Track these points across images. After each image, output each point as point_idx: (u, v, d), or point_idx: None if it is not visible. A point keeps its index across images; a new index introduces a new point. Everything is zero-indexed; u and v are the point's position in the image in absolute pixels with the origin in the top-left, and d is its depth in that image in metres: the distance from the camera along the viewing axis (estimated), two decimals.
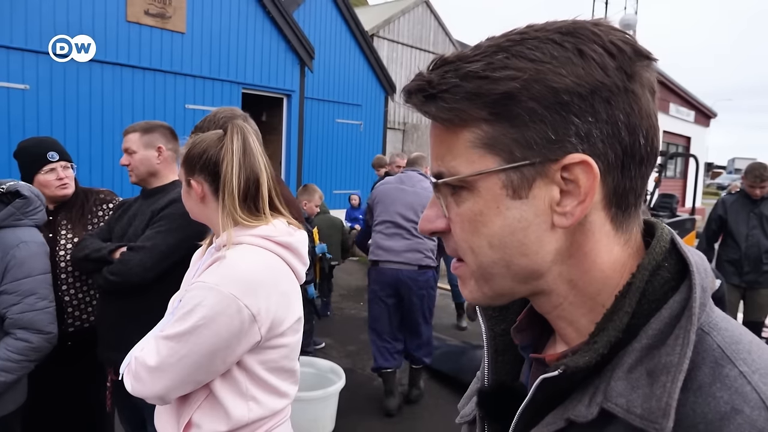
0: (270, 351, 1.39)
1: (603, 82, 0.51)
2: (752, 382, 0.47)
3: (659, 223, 0.61)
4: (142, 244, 2.03)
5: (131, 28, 7.17)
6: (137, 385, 1.33)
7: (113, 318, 2.13)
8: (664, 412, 0.46)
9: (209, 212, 1.47)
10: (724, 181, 39.04)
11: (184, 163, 1.47)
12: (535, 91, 0.51)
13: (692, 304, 0.51)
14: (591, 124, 0.52)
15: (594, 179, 0.52)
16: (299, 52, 9.32)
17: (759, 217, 4.48)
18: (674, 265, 0.56)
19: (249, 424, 1.39)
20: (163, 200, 2.12)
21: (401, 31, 15.08)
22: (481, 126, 0.53)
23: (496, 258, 0.56)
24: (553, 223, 0.54)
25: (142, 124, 2.28)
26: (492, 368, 0.70)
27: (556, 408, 0.56)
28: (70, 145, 6.51)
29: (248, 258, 1.35)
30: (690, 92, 21.04)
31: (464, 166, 0.55)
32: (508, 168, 0.53)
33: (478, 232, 0.56)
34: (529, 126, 0.52)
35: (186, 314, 1.28)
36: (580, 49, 0.51)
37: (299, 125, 9.85)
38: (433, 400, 4.27)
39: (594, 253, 0.56)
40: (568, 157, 0.52)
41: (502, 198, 0.54)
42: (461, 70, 0.53)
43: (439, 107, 0.54)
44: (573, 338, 0.60)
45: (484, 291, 0.59)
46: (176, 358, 1.27)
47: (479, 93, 0.52)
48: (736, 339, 0.52)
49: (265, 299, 1.32)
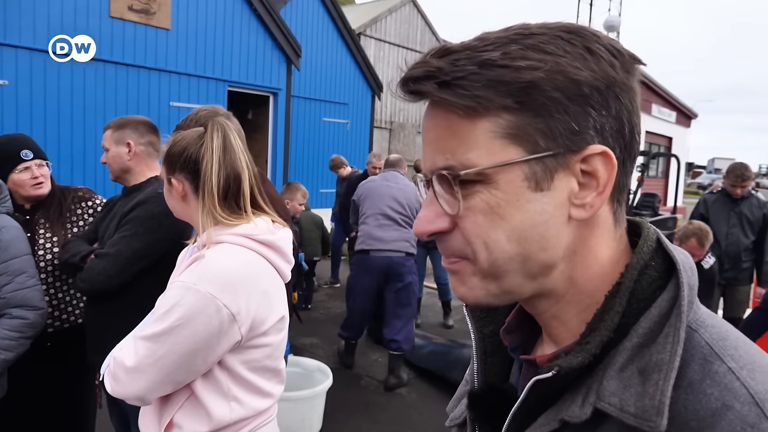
0: (252, 350, 1.37)
1: (615, 78, 0.52)
2: (741, 378, 0.48)
3: (644, 222, 0.61)
4: (107, 251, 1.97)
5: (114, 24, 7.08)
6: (116, 385, 1.31)
7: (94, 321, 2.11)
8: (657, 410, 0.46)
9: (190, 211, 1.46)
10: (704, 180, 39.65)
11: (164, 162, 1.45)
12: (558, 81, 0.51)
13: (681, 302, 0.52)
14: (605, 117, 0.52)
15: (612, 170, 0.53)
16: (286, 50, 9.27)
17: (739, 215, 4.56)
18: (661, 264, 0.57)
19: (231, 424, 1.37)
20: (133, 202, 2.06)
21: (388, 30, 15.08)
22: (501, 115, 0.51)
23: (513, 253, 0.54)
24: (570, 216, 0.54)
25: (117, 120, 2.23)
26: (481, 370, 0.70)
27: (548, 409, 0.56)
28: (50, 143, 6.45)
29: (227, 257, 1.33)
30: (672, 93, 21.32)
31: (485, 157, 0.52)
32: (531, 159, 0.52)
33: (495, 225, 0.53)
34: (554, 116, 0.51)
35: (164, 314, 1.26)
36: (588, 47, 0.52)
37: (285, 124, 9.80)
38: (421, 399, 4.27)
39: (597, 247, 0.56)
40: (590, 148, 0.52)
41: (524, 190, 0.52)
42: (477, 59, 0.51)
43: (457, 94, 0.51)
44: (564, 338, 0.60)
45: (489, 289, 0.57)
46: (154, 359, 1.25)
47: (503, 80, 0.50)
48: (723, 335, 0.52)
49: (245, 298, 1.30)
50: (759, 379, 0.48)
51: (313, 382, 3.65)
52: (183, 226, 2.11)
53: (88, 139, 6.89)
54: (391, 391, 4.39)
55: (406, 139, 15.75)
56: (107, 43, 7.01)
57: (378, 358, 5.03)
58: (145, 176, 2.21)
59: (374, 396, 4.29)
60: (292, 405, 3.35)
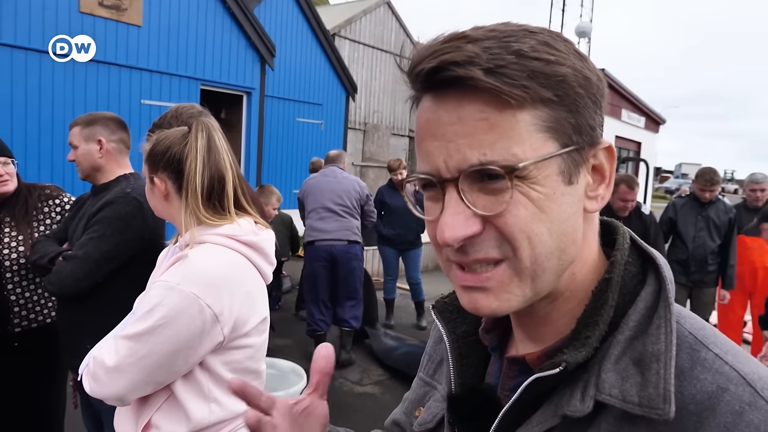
0: (234, 351, 1.36)
1: (603, 83, 0.56)
2: (729, 363, 0.50)
3: (615, 221, 0.63)
4: (75, 253, 1.93)
5: (84, 20, 6.93)
6: (95, 385, 1.29)
7: (65, 322, 2.07)
8: (664, 398, 0.48)
9: (173, 210, 1.43)
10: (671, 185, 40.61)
11: (147, 160, 1.43)
12: (580, 78, 0.52)
13: (667, 295, 0.54)
14: (600, 117, 0.56)
15: (614, 163, 0.56)
16: (260, 49, 9.20)
17: (706, 219, 4.68)
18: (637, 260, 0.59)
19: (210, 426, 1.35)
20: (100, 202, 2.02)
21: (362, 31, 15.08)
22: (539, 108, 0.50)
23: (554, 247, 0.53)
24: (585, 208, 0.56)
25: (84, 116, 2.17)
26: (458, 372, 0.68)
27: (541, 406, 0.56)
28: (17, 140, 6.29)
29: (211, 257, 1.32)
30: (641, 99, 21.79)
31: (529, 151, 0.50)
32: (565, 152, 0.52)
33: (538, 219, 0.51)
34: (581, 112, 0.53)
35: (146, 314, 1.25)
36: (577, 50, 0.54)
37: (259, 123, 9.72)
38: (395, 399, 4.28)
39: (592, 242, 0.59)
40: (602, 142, 0.55)
41: (558, 184, 0.52)
42: (509, 48, 0.49)
43: (506, 83, 0.48)
44: (546, 335, 0.60)
45: (525, 292, 0.54)
46: (135, 358, 1.24)
47: (543, 72, 0.50)
48: (700, 325, 0.55)
49: (228, 299, 1.30)
50: (743, 362, 0.51)
51: (287, 384, 3.63)
52: (153, 226, 2.07)
53: (56, 137, 6.73)
54: (344, 368, 4.77)
55: (380, 140, 15.77)
56: None
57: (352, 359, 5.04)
58: (114, 174, 2.16)
59: (348, 397, 4.29)
60: None
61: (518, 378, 0.61)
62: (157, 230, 2.07)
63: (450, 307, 0.72)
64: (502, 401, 0.61)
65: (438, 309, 0.73)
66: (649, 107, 22.62)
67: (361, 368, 4.84)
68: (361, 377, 4.66)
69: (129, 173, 2.19)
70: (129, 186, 2.07)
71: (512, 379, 0.63)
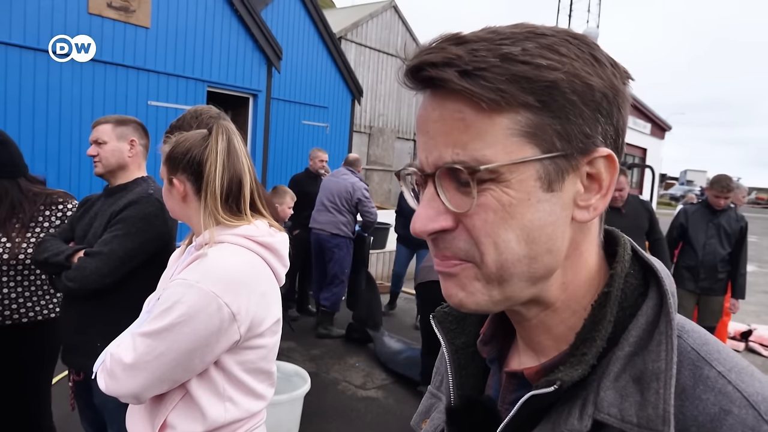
0: (248, 351, 1.37)
1: (619, 89, 0.53)
2: (732, 382, 0.49)
3: (617, 231, 0.61)
4: (99, 250, 1.96)
5: (93, 21, 6.95)
6: (111, 383, 1.29)
7: (74, 321, 2.07)
8: (663, 419, 0.47)
9: (190, 212, 1.46)
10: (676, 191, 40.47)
11: (167, 162, 1.46)
12: (576, 84, 0.50)
13: (668, 309, 0.52)
14: (609, 126, 0.53)
15: (615, 173, 0.53)
16: (266, 51, 9.22)
17: (717, 227, 4.66)
18: (638, 272, 0.58)
19: (225, 425, 1.37)
20: (122, 201, 2.06)
21: (369, 34, 15.10)
22: (521, 113, 0.50)
23: (522, 254, 0.52)
24: (573, 218, 0.53)
25: (115, 116, 2.24)
26: (457, 383, 0.67)
27: (540, 423, 0.55)
28: (25, 140, 6.31)
29: (229, 256, 1.35)
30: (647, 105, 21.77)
31: (500, 154, 0.50)
32: (546, 158, 0.51)
33: (506, 224, 0.51)
34: (570, 119, 0.50)
35: (165, 311, 1.26)
36: (594, 55, 0.52)
37: (265, 126, 9.73)
38: (398, 404, 4.27)
39: (587, 253, 0.57)
40: (598, 150, 0.52)
41: (536, 190, 0.51)
42: (497, 51, 0.49)
43: (481, 85, 0.49)
44: (546, 346, 0.59)
45: (492, 295, 0.54)
46: (153, 356, 1.25)
47: (527, 77, 0.49)
48: (704, 340, 0.53)
49: (245, 298, 1.31)
50: (747, 381, 0.49)
51: (291, 387, 3.61)
52: (172, 227, 2.12)
53: (63, 137, 6.74)
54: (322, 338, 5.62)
55: (385, 143, 15.77)
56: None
57: (355, 362, 5.02)
58: (133, 176, 2.21)
59: (351, 401, 4.28)
60: (269, 409, 3.31)
61: (518, 392, 0.60)
62: (173, 232, 2.12)
63: (449, 317, 0.71)
64: (502, 414, 0.60)
65: (438, 319, 0.72)
66: (655, 113, 22.60)
67: (365, 372, 4.83)
68: (364, 381, 4.65)
69: (147, 176, 2.24)
70: (150, 188, 2.14)
71: (512, 392, 0.62)
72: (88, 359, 2.02)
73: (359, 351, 5.31)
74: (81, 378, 2.11)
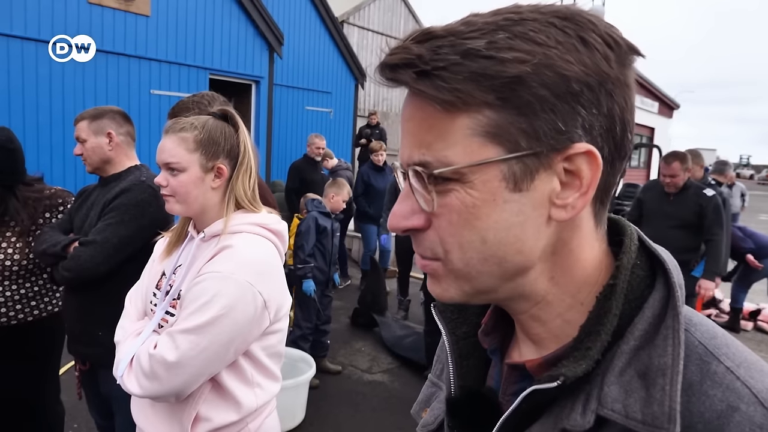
0: (270, 336, 1.42)
1: (608, 74, 0.48)
2: (741, 378, 0.47)
3: (623, 220, 0.59)
4: (93, 238, 1.96)
5: (93, 10, 6.93)
6: (152, 384, 1.27)
7: (76, 311, 2.09)
8: (669, 417, 0.45)
9: (215, 199, 1.44)
10: None
11: (203, 148, 1.39)
12: (546, 77, 0.46)
13: (676, 303, 0.50)
14: (594, 116, 0.49)
15: (597, 170, 0.49)
16: (268, 37, 9.17)
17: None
18: (645, 263, 0.55)
19: (257, 409, 1.42)
20: (115, 190, 2.05)
21: (371, 18, 14.96)
22: (483, 111, 0.47)
23: (488, 254, 0.51)
24: (550, 217, 0.51)
25: (90, 110, 2.19)
26: (458, 374, 0.66)
27: (542, 416, 0.54)
28: (29, 131, 6.34)
29: (255, 246, 1.39)
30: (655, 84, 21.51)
31: (461, 155, 0.48)
32: (511, 158, 0.48)
33: (470, 226, 0.50)
34: (539, 115, 0.47)
35: (204, 305, 1.27)
36: (582, 37, 0.48)
37: (268, 112, 9.71)
38: (404, 388, 4.30)
39: (579, 249, 0.54)
40: (574, 147, 0.48)
41: (501, 190, 0.49)
42: (460, 47, 0.47)
43: (437, 86, 0.47)
44: (544, 338, 0.58)
45: (464, 289, 0.54)
46: (197, 351, 1.26)
47: (486, 74, 0.46)
48: (712, 333, 0.52)
49: (272, 285, 1.37)
50: (757, 377, 0.48)
51: (296, 372, 3.65)
52: (165, 215, 2.09)
53: (68, 127, 6.76)
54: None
55: (389, 128, 15.70)
56: (86, 30, 6.87)
57: (361, 347, 5.06)
58: (124, 166, 2.19)
59: (357, 385, 4.32)
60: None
61: (519, 383, 0.59)
62: (168, 219, 2.09)
63: (451, 306, 0.70)
64: (503, 406, 0.59)
65: (439, 309, 0.70)
66: (662, 92, 22.35)
67: (371, 356, 4.86)
68: (370, 365, 4.68)
69: (139, 164, 2.21)
70: (143, 175, 2.12)
71: (513, 384, 0.60)
72: (91, 348, 2.05)
73: (365, 336, 5.34)
74: (87, 368, 2.14)
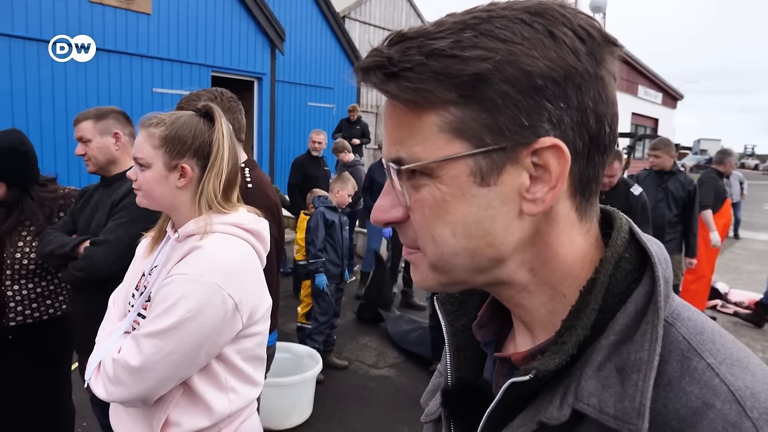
0: (246, 340, 1.36)
1: (575, 68, 0.49)
2: (720, 374, 0.47)
3: (616, 212, 0.59)
4: (105, 238, 1.97)
5: (94, 9, 6.94)
6: (117, 389, 1.24)
7: (84, 310, 2.09)
8: (638, 413, 0.45)
9: (183, 199, 1.38)
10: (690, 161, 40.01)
11: (168, 146, 1.34)
12: (508, 73, 0.48)
13: (657, 297, 0.50)
14: (563, 110, 0.49)
15: (565, 164, 0.50)
16: (270, 34, 9.16)
17: (665, 191, 4.95)
18: (635, 256, 0.55)
19: (230, 415, 1.36)
20: (122, 190, 2.05)
21: (373, 12, 14.93)
22: (448, 109, 0.49)
23: (459, 248, 0.53)
24: (522, 211, 0.51)
25: (92, 111, 2.19)
26: (454, 365, 0.67)
27: (525, 409, 0.54)
28: (33, 130, 6.35)
29: (225, 246, 1.32)
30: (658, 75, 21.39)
31: (429, 151, 0.51)
32: (476, 153, 0.50)
33: (441, 219, 0.52)
34: (502, 110, 0.48)
35: (169, 309, 1.22)
36: (551, 31, 0.49)
37: (270, 109, 9.72)
38: (410, 382, 4.31)
39: (556, 242, 0.54)
40: (540, 141, 0.49)
41: (469, 185, 0.50)
42: (426, 48, 0.49)
43: (402, 87, 0.49)
44: (534, 326, 0.58)
45: (440, 280, 0.56)
46: (161, 356, 1.21)
47: (448, 73, 0.48)
48: (700, 329, 0.51)
49: (245, 287, 1.30)
50: (738, 374, 0.47)
51: (302, 368, 3.66)
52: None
53: (71, 126, 6.69)
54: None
55: None
56: (87, 29, 6.88)
57: (367, 342, 5.07)
58: (127, 165, 2.19)
59: (364, 380, 4.32)
60: (282, 390, 3.37)
61: (508, 376, 0.59)
62: None
63: (451, 299, 0.71)
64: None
65: (440, 301, 0.71)
66: (666, 82, 22.23)
67: (377, 351, 4.87)
68: (377, 360, 4.69)
69: None
70: None
71: (503, 376, 0.61)
72: None
73: (371, 331, 5.35)
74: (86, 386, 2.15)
